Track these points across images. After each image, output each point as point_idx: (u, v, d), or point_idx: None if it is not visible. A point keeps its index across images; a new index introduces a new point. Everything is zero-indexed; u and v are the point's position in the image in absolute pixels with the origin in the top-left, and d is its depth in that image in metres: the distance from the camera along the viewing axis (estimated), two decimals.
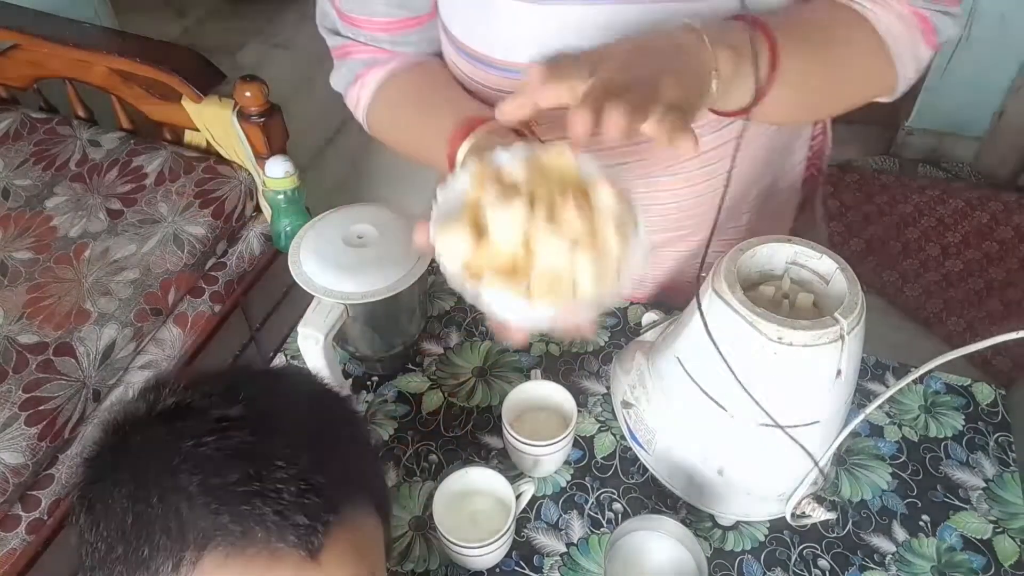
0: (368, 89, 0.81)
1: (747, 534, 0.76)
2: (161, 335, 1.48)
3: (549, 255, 0.48)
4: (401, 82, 0.80)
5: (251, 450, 0.45)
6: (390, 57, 0.80)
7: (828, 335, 0.59)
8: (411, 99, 0.79)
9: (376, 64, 0.80)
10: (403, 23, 0.77)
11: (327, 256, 0.80)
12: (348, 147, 2.60)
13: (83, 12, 2.19)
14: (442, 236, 0.50)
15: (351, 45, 0.80)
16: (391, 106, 0.80)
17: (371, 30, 0.78)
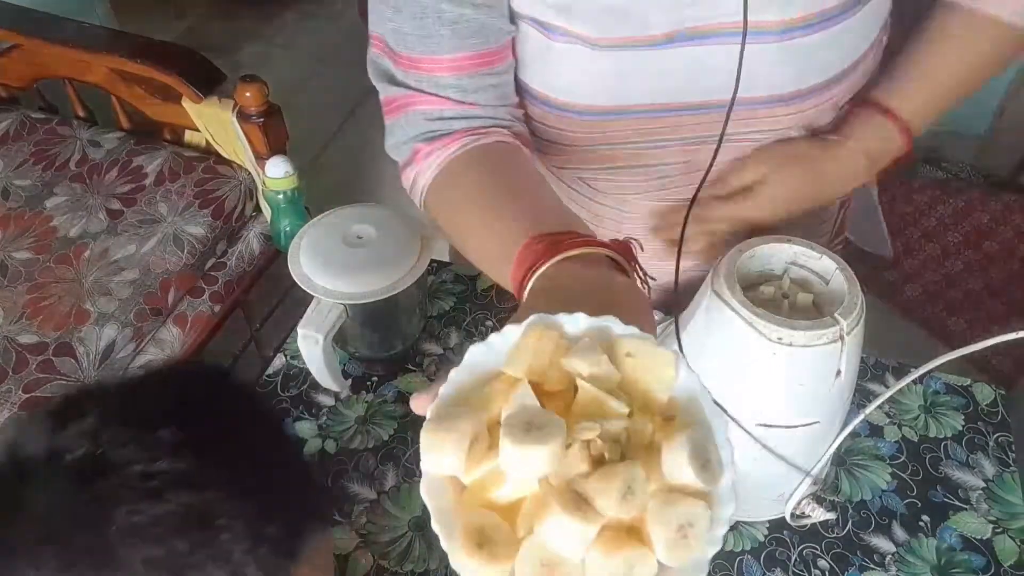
0: (425, 176, 0.68)
1: (747, 534, 0.76)
2: (161, 335, 1.48)
3: (558, 539, 0.35)
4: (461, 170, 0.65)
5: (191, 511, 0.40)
6: (458, 113, 0.67)
7: (828, 335, 0.59)
8: (472, 194, 0.64)
9: (440, 137, 0.67)
10: (475, 60, 0.66)
11: (327, 256, 0.80)
12: (348, 147, 2.60)
13: (83, 12, 2.19)
14: (432, 433, 0.37)
15: (411, 96, 0.68)
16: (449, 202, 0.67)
17: (438, 72, 0.66)
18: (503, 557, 0.35)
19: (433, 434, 0.37)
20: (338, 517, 0.79)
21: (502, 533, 0.36)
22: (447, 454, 0.37)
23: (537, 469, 0.36)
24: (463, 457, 0.36)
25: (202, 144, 1.69)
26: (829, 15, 0.65)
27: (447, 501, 0.38)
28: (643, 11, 0.64)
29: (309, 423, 0.86)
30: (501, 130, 0.68)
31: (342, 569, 0.75)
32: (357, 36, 3.27)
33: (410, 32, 0.65)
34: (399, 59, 0.68)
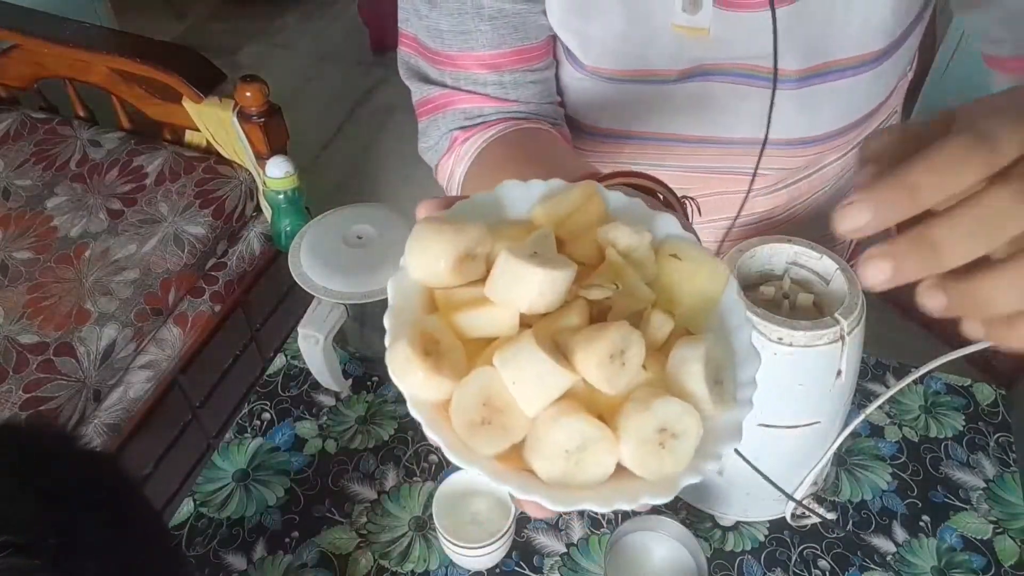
0: (464, 162, 0.65)
1: (747, 534, 0.76)
2: (161, 335, 1.48)
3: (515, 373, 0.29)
4: (504, 144, 0.63)
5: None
6: (498, 110, 0.65)
7: (828, 335, 0.59)
8: (513, 160, 0.62)
9: (479, 124, 0.65)
10: (514, 56, 0.64)
11: (327, 256, 0.80)
12: (348, 147, 2.60)
13: (83, 12, 2.19)
14: (426, 230, 0.33)
15: (450, 94, 0.65)
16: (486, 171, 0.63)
17: (477, 69, 0.63)
18: (447, 373, 0.29)
19: (428, 227, 0.32)
20: (338, 517, 0.79)
21: (455, 354, 0.30)
22: (435, 253, 0.31)
23: (526, 296, 0.30)
24: (451, 261, 0.31)
25: (202, 144, 1.70)
26: (849, 66, 0.64)
27: (409, 304, 0.32)
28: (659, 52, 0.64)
29: (309, 423, 0.86)
30: (543, 121, 0.66)
31: (342, 569, 0.75)
32: (357, 36, 3.28)
33: (447, 28, 0.62)
34: (435, 57, 0.65)
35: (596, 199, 0.34)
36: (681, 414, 0.29)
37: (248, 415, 0.87)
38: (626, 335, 0.29)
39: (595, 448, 0.29)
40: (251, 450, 0.84)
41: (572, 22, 0.63)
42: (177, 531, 0.78)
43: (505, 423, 0.29)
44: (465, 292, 0.31)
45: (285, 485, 0.81)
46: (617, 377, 0.29)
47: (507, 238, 0.32)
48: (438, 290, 0.32)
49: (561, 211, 0.33)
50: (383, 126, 2.61)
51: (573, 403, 0.29)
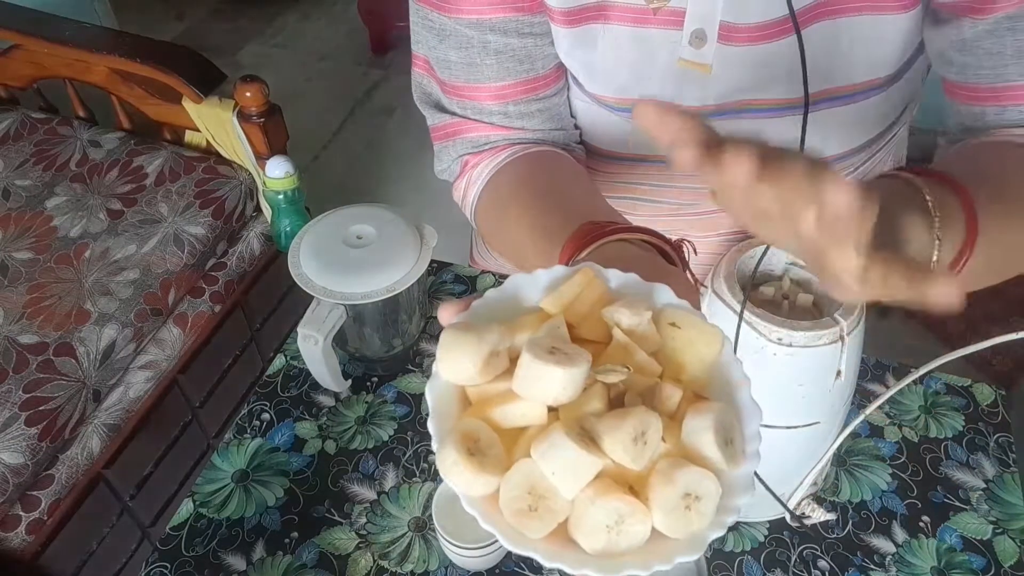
0: (475, 186, 0.67)
1: (747, 535, 0.76)
2: (161, 335, 1.48)
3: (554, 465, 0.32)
4: (513, 172, 0.65)
5: None
6: (505, 137, 0.67)
7: (828, 336, 0.59)
8: (523, 191, 0.63)
9: (487, 149, 0.67)
10: (520, 87, 0.65)
11: (327, 256, 0.80)
12: (348, 147, 2.60)
13: (83, 12, 2.20)
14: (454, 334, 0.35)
15: (459, 123, 0.68)
16: (498, 201, 0.66)
17: (483, 100, 0.65)
18: (491, 470, 0.33)
19: (455, 334, 0.35)
20: (337, 518, 0.79)
21: (495, 450, 0.34)
22: (463, 357, 0.34)
23: (551, 392, 0.33)
24: (479, 363, 0.34)
25: (202, 144, 1.70)
26: (856, 91, 0.64)
27: (448, 407, 0.35)
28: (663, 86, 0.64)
29: (309, 423, 0.86)
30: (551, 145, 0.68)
31: (342, 569, 0.75)
32: (357, 36, 3.29)
33: (455, 60, 0.64)
34: (444, 86, 0.67)
35: (596, 281, 0.38)
36: (701, 479, 0.33)
37: (248, 415, 0.87)
38: (644, 419, 0.33)
39: (631, 520, 0.32)
40: (251, 450, 0.84)
41: (578, 53, 0.63)
42: (176, 532, 0.78)
43: (550, 507, 0.32)
44: (494, 387, 0.35)
45: (285, 485, 0.81)
46: (641, 456, 0.33)
47: (523, 330, 0.36)
48: (470, 388, 0.35)
49: (566, 298, 0.37)
50: (383, 126, 2.61)
51: (606, 481, 0.33)
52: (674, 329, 0.37)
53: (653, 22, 0.59)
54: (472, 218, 0.70)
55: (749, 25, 0.58)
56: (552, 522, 0.33)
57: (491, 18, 0.61)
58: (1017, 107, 0.55)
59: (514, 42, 0.62)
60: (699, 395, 0.36)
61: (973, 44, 0.55)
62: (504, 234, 0.65)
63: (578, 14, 0.60)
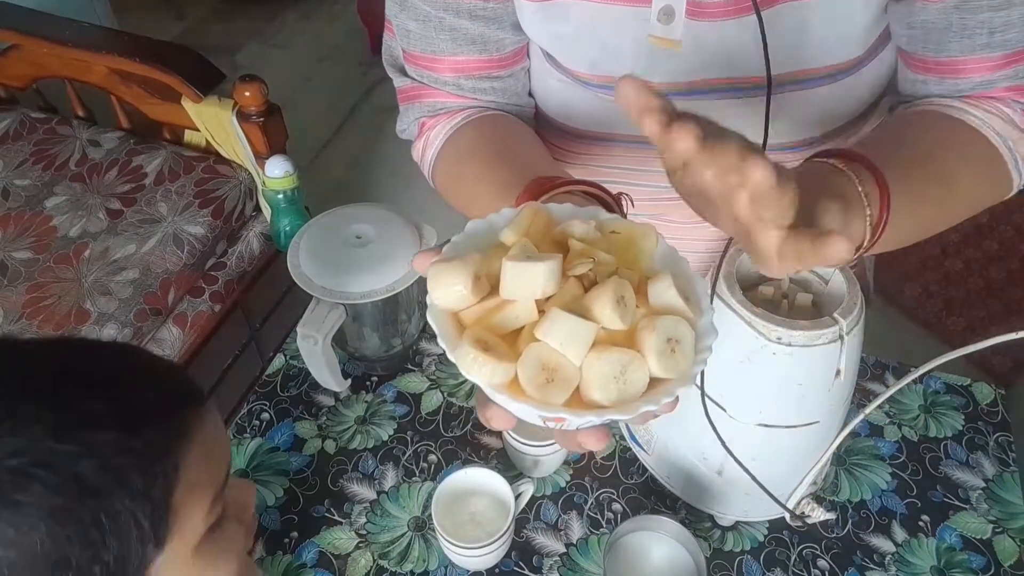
0: (432, 147, 0.71)
1: (746, 534, 0.76)
2: (161, 335, 1.48)
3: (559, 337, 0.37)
4: (468, 134, 0.69)
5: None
6: (460, 104, 0.70)
7: (827, 335, 0.59)
8: (478, 151, 0.67)
9: (443, 113, 0.70)
10: (474, 64, 0.67)
11: (327, 256, 0.80)
12: (348, 147, 2.60)
13: (83, 12, 2.19)
14: (440, 266, 0.39)
15: (418, 88, 0.71)
16: (456, 159, 0.69)
17: (437, 71, 0.68)
18: (506, 359, 0.37)
19: (442, 267, 0.39)
20: (337, 517, 0.79)
21: (502, 346, 0.38)
22: (454, 283, 0.39)
23: (537, 286, 0.38)
24: (469, 285, 0.39)
25: (202, 144, 1.70)
26: (826, 74, 0.65)
27: (448, 327, 0.40)
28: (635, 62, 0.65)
29: (309, 423, 0.86)
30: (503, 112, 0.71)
31: (342, 569, 0.75)
32: (357, 36, 3.27)
33: (414, 31, 0.67)
34: (404, 53, 0.70)
35: (542, 212, 0.44)
36: (676, 324, 0.39)
37: (247, 415, 0.87)
38: (619, 285, 0.39)
39: (632, 368, 0.38)
40: (250, 450, 0.84)
41: (550, 27, 0.65)
42: None
43: (563, 376, 0.38)
44: (483, 305, 0.39)
45: (284, 485, 0.81)
46: (625, 315, 0.38)
47: (495, 257, 0.40)
48: (462, 312, 0.40)
49: (522, 227, 0.42)
50: (383, 126, 2.61)
51: (603, 343, 0.38)
52: (615, 234, 0.44)
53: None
54: (430, 176, 0.74)
55: (716, 1, 0.59)
56: (568, 388, 0.38)
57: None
58: (955, 79, 0.60)
59: (466, 23, 0.65)
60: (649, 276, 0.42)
61: (923, 21, 0.59)
62: (461, 190, 0.69)
63: None
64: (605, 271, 0.41)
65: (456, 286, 0.39)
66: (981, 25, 0.57)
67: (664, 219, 0.79)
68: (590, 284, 0.40)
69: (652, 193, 0.77)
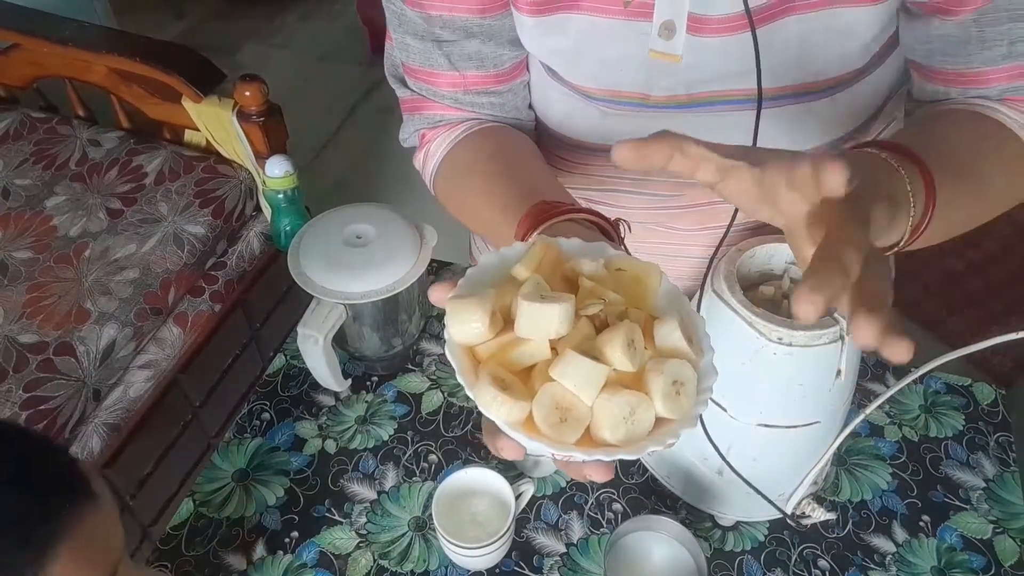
0: (433, 159, 0.71)
1: (747, 534, 0.76)
2: (161, 335, 1.48)
3: (573, 379, 0.39)
4: (469, 148, 0.69)
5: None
6: (459, 117, 0.70)
7: (828, 335, 0.59)
8: (479, 167, 0.68)
9: (442, 125, 0.71)
10: (472, 80, 0.68)
11: (327, 256, 0.80)
12: (348, 147, 2.60)
13: (83, 12, 2.20)
14: (459, 303, 0.41)
15: (418, 100, 0.71)
16: (456, 174, 0.70)
17: (437, 85, 0.69)
18: (521, 398, 0.39)
19: (460, 303, 0.41)
20: (337, 517, 0.79)
21: (518, 384, 0.40)
22: (472, 321, 0.41)
23: (551, 328, 0.40)
24: (487, 322, 0.40)
25: (202, 144, 1.70)
26: (828, 86, 0.64)
27: (468, 364, 0.41)
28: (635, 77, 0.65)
29: (309, 423, 0.86)
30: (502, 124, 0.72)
31: (342, 569, 0.75)
32: (357, 36, 3.27)
33: (412, 45, 0.67)
34: (404, 66, 0.70)
35: (552, 247, 0.45)
36: (681, 367, 0.41)
37: (248, 415, 0.87)
38: (630, 330, 0.40)
39: (640, 410, 0.40)
40: (251, 450, 0.84)
41: (549, 42, 0.64)
42: (177, 531, 0.78)
43: (575, 416, 0.39)
44: (498, 340, 0.41)
45: (285, 485, 0.81)
46: (634, 358, 0.40)
47: (508, 292, 0.42)
48: (478, 346, 0.42)
49: (533, 263, 0.44)
50: (383, 126, 2.61)
51: (613, 385, 0.40)
52: (621, 272, 0.45)
53: (623, 13, 0.60)
54: (431, 187, 0.74)
55: (717, 16, 0.59)
56: (580, 428, 0.39)
57: (440, 15, 0.63)
58: (978, 88, 0.60)
59: (463, 41, 0.65)
60: (655, 315, 0.44)
61: (942, 36, 0.58)
62: (462, 207, 0.69)
63: (547, 4, 0.61)
64: (615, 311, 0.43)
65: (474, 323, 0.41)
66: (1001, 37, 0.56)
67: (667, 227, 0.79)
68: (601, 324, 0.42)
69: (655, 202, 0.77)
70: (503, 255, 0.46)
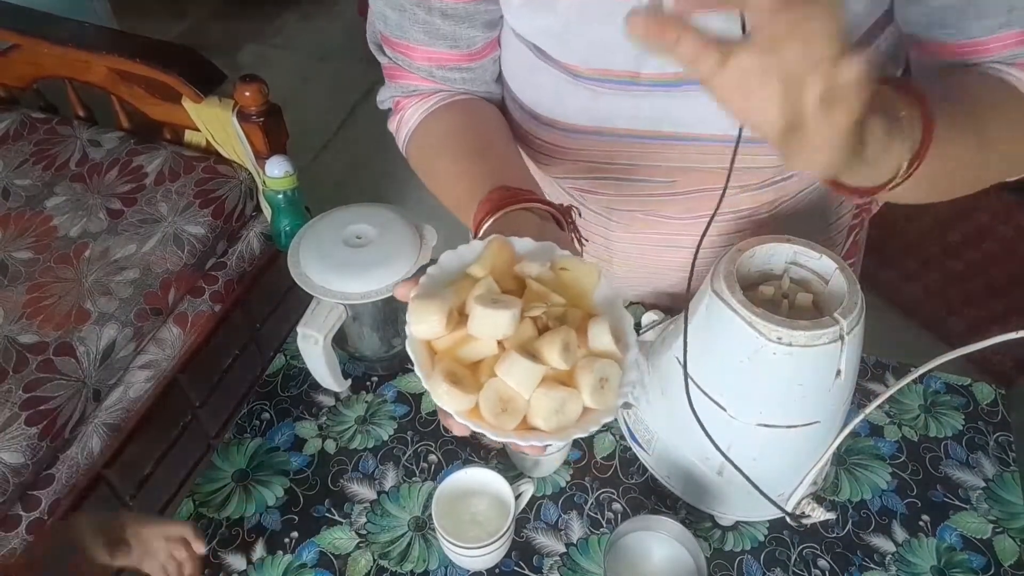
0: (406, 126, 0.76)
1: (747, 534, 0.76)
2: (161, 335, 1.48)
3: (514, 378, 0.46)
4: (440, 124, 0.73)
5: None
6: (433, 88, 0.74)
7: (828, 335, 0.59)
8: (449, 146, 0.72)
9: (416, 95, 0.75)
10: (446, 56, 0.71)
11: (327, 256, 0.80)
12: (348, 147, 2.60)
13: (83, 12, 2.20)
14: (419, 303, 0.47)
15: (395, 68, 0.75)
16: (428, 149, 0.74)
17: (412, 58, 0.72)
18: (470, 391, 0.46)
19: (420, 303, 0.48)
20: (337, 517, 0.79)
21: (468, 378, 0.47)
22: (430, 319, 0.47)
23: (499, 330, 0.47)
24: (443, 321, 0.47)
25: (202, 144, 1.70)
26: None
27: (426, 357, 0.48)
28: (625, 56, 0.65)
29: (309, 423, 0.86)
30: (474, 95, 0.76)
31: (342, 569, 0.75)
32: (357, 36, 3.29)
33: (390, 17, 0.70)
34: (381, 35, 0.74)
35: (506, 247, 0.52)
36: (607, 366, 0.48)
37: (248, 415, 0.87)
38: (566, 335, 0.48)
39: (569, 403, 0.47)
40: (251, 450, 0.84)
41: (538, 22, 0.66)
42: None
43: (514, 407, 0.47)
44: (452, 336, 0.48)
45: (284, 485, 0.81)
46: (568, 359, 0.47)
47: (464, 292, 0.49)
48: (435, 340, 0.49)
49: (488, 263, 0.50)
50: (383, 126, 2.60)
51: (549, 382, 0.47)
52: (565, 271, 0.52)
53: None
54: (404, 152, 0.79)
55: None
56: (518, 417, 0.47)
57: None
58: (980, 57, 0.60)
59: (438, 21, 0.68)
60: (591, 311, 0.51)
61: (938, 8, 0.59)
62: (433, 180, 0.73)
63: None
64: (555, 313, 0.50)
65: (432, 321, 0.47)
66: (999, 4, 0.57)
67: (658, 215, 0.79)
68: (543, 326, 0.49)
69: (646, 189, 0.76)
70: (461, 254, 0.53)
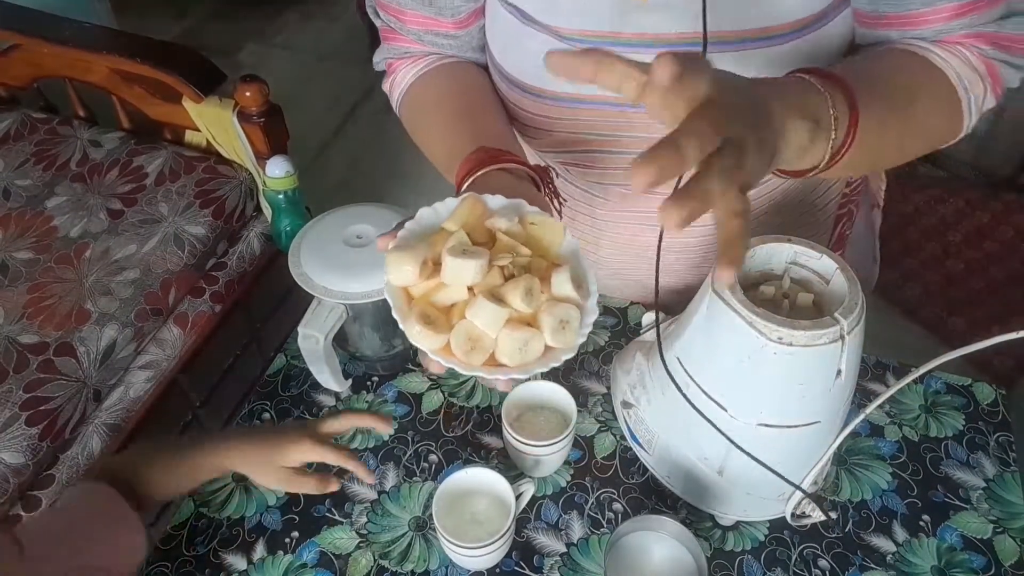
0: (399, 88, 0.81)
1: (747, 534, 0.76)
2: (162, 335, 1.48)
3: (481, 319, 0.51)
4: (429, 87, 0.79)
5: None
6: (423, 51, 0.79)
7: (828, 335, 0.59)
8: (436, 108, 0.77)
9: (408, 57, 0.80)
10: (432, 23, 0.76)
11: (327, 256, 0.80)
12: (348, 147, 2.60)
13: (83, 12, 2.19)
14: (396, 252, 0.52)
15: (389, 31, 0.79)
16: (418, 110, 0.80)
17: (403, 22, 0.77)
18: (441, 331, 0.51)
19: (398, 253, 0.52)
20: (338, 517, 0.79)
21: (441, 320, 0.52)
22: (406, 268, 0.52)
23: (469, 277, 0.51)
24: (416, 270, 0.52)
25: (202, 144, 1.70)
26: (787, 31, 0.65)
27: (400, 302, 0.53)
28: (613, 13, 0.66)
29: None
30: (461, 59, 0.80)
31: (342, 569, 0.75)
32: (357, 36, 3.28)
33: None
34: (378, 2, 0.78)
35: (478, 204, 0.56)
36: (568, 309, 0.53)
37: (248, 415, 0.87)
38: (528, 282, 0.52)
39: (532, 342, 0.52)
40: None
41: None
42: (177, 531, 0.78)
43: (482, 345, 0.52)
44: (427, 283, 0.53)
45: None
46: (531, 303, 0.52)
47: (438, 244, 0.53)
48: (411, 287, 0.53)
49: (461, 218, 0.55)
50: (383, 126, 2.61)
51: (513, 323, 0.52)
52: (532, 226, 0.56)
53: None
54: (397, 111, 0.84)
55: None
56: (485, 354, 0.52)
57: None
58: (915, 30, 0.65)
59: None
60: (555, 262, 0.56)
61: None
62: (423, 140, 0.79)
63: None
64: (521, 263, 0.54)
65: (407, 270, 0.52)
66: None
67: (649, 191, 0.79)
68: (509, 274, 0.53)
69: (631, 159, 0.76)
70: (436, 210, 0.57)
